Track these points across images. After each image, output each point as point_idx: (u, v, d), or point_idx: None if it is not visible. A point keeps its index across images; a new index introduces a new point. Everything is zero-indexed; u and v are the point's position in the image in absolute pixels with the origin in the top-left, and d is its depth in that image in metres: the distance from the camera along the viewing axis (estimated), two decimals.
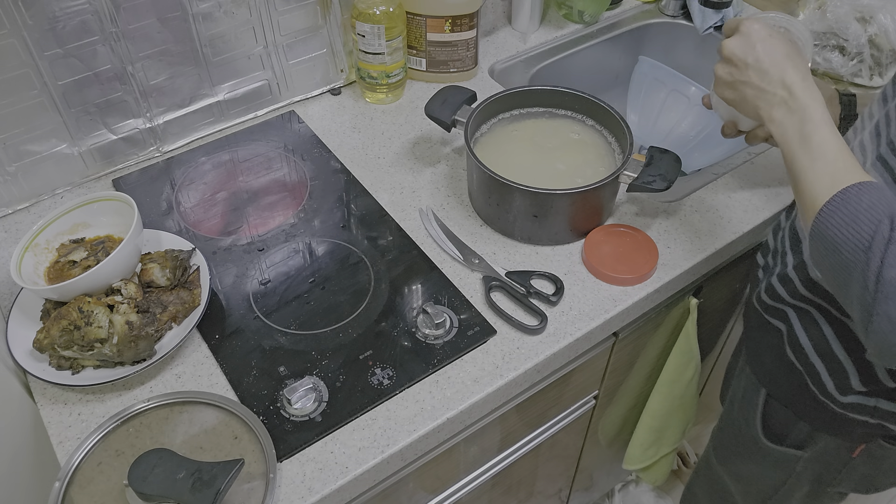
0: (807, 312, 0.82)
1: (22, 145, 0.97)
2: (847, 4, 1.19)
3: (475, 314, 0.88)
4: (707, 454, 1.11)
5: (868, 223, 0.61)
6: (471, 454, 0.96)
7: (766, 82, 0.73)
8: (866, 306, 0.61)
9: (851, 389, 0.79)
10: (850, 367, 0.78)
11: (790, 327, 0.84)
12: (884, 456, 0.85)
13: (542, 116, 1.05)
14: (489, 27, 1.34)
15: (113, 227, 0.91)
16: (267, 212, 1.02)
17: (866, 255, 0.61)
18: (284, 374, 0.82)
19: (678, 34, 1.39)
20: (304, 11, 1.10)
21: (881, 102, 0.76)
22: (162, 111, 1.07)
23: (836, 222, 0.63)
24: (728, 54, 0.76)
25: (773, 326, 0.87)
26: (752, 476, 1.00)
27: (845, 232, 0.62)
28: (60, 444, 0.77)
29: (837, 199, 0.64)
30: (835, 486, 0.92)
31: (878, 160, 0.72)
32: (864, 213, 0.62)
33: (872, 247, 0.60)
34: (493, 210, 0.96)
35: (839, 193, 0.64)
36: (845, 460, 0.87)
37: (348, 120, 1.17)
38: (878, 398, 0.78)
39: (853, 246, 0.62)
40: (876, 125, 0.75)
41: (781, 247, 0.87)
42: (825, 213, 0.64)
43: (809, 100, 0.70)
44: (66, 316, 0.78)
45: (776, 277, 0.86)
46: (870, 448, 0.84)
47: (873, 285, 0.60)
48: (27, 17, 0.89)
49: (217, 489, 0.66)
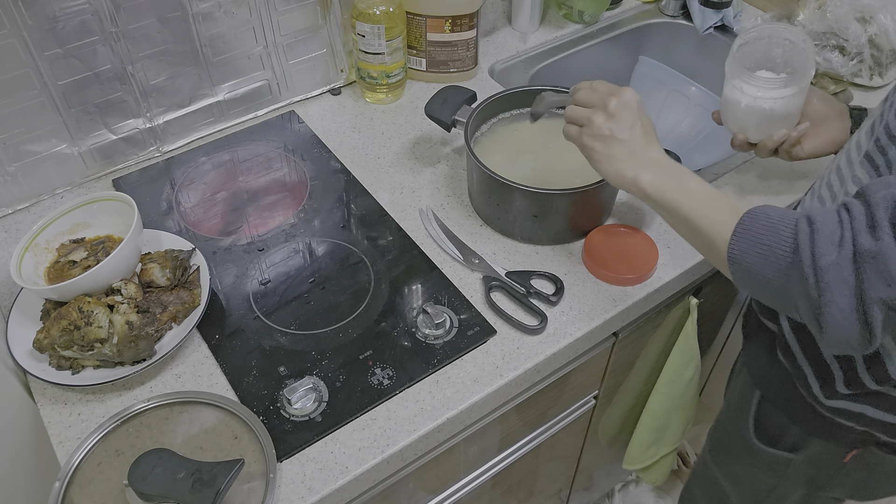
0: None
1: (22, 145, 0.97)
2: (847, 4, 1.19)
3: (475, 314, 0.88)
4: (703, 455, 1.11)
5: (786, 228, 0.63)
6: (471, 454, 0.96)
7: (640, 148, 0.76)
8: (812, 302, 0.61)
9: (836, 393, 0.79)
10: (836, 368, 0.78)
11: (781, 328, 0.84)
12: (877, 463, 0.84)
13: (542, 116, 1.05)
14: (489, 27, 1.34)
15: (113, 227, 0.91)
16: (267, 212, 1.02)
17: (796, 255, 0.62)
18: (284, 374, 0.82)
19: (678, 34, 1.39)
20: (304, 11, 1.10)
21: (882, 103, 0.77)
22: (162, 111, 1.07)
23: (754, 239, 0.65)
24: (614, 110, 0.77)
25: (766, 328, 0.87)
26: (745, 477, 1.00)
27: (768, 242, 0.64)
28: (60, 444, 0.77)
29: (747, 220, 0.66)
30: (828, 490, 0.91)
31: (865, 157, 0.72)
32: (779, 222, 0.64)
33: (799, 245, 0.61)
34: (493, 210, 0.96)
35: (746, 214, 0.67)
36: (838, 465, 0.87)
37: (348, 120, 1.17)
38: (865, 405, 0.78)
39: (781, 252, 0.63)
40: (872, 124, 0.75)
41: None
42: (740, 236, 0.66)
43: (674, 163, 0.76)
44: (66, 316, 0.78)
45: None
46: (862, 454, 0.84)
47: (813, 279, 0.61)
48: (27, 17, 0.89)
49: (217, 489, 0.66)
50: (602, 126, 0.77)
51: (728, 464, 1.03)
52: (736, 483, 1.03)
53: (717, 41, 1.35)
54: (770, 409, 0.90)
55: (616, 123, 0.76)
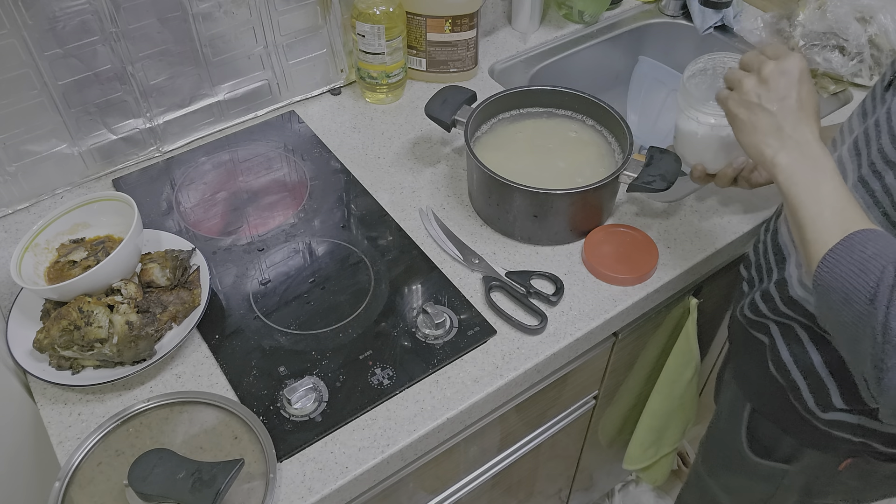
0: (789, 328, 0.80)
1: (22, 145, 0.97)
2: (847, 4, 1.19)
3: (475, 314, 0.88)
4: (696, 466, 1.11)
5: (874, 269, 0.57)
6: (471, 454, 0.96)
7: (787, 122, 0.68)
8: (876, 361, 0.57)
9: (832, 406, 0.77)
10: (832, 383, 0.77)
11: (773, 341, 0.83)
12: (872, 471, 0.84)
13: (541, 116, 1.05)
14: (489, 27, 1.34)
15: (113, 227, 0.91)
16: (267, 212, 1.02)
17: (872, 305, 0.57)
18: (284, 374, 0.82)
19: (678, 34, 1.39)
20: (304, 11, 1.10)
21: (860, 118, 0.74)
22: (162, 111, 1.07)
23: (841, 271, 0.59)
24: (768, 76, 0.70)
25: (757, 340, 0.86)
26: (740, 488, 0.99)
27: (851, 281, 0.58)
28: (60, 444, 0.77)
29: (840, 249, 0.60)
30: (823, 497, 0.91)
31: (860, 181, 0.70)
32: (871, 259, 0.58)
33: (878, 295, 0.57)
34: (493, 210, 0.96)
35: (843, 240, 0.60)
36: (832, 473, 0.86)
37: (348, 120, 1.17)
38: (861, 416, 0.76)
39: (858, 297, 0.58)
40: (855, 141, 0.73)
41: (765, 262, 0.85)
42: (829, 262, 0.60)
43: (822, 152, 0.66)
44: (66, 316, 0.78)
45: (758, 294, 0.84)
46: (857, 462, 0.83)
47: (881, 337, 0.56)
48: (27, 17, 0.89)
49: (217, 489, 0.66)
50: (750, 92, 0.70)
51: (722, 475, 1.02)
52: (731, 493, 1.03)
53: (717, 41, 1.35)
54: (762, 422, 0.89)
55: (767, 91, 0.69)
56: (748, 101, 0.71)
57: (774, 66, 0.70)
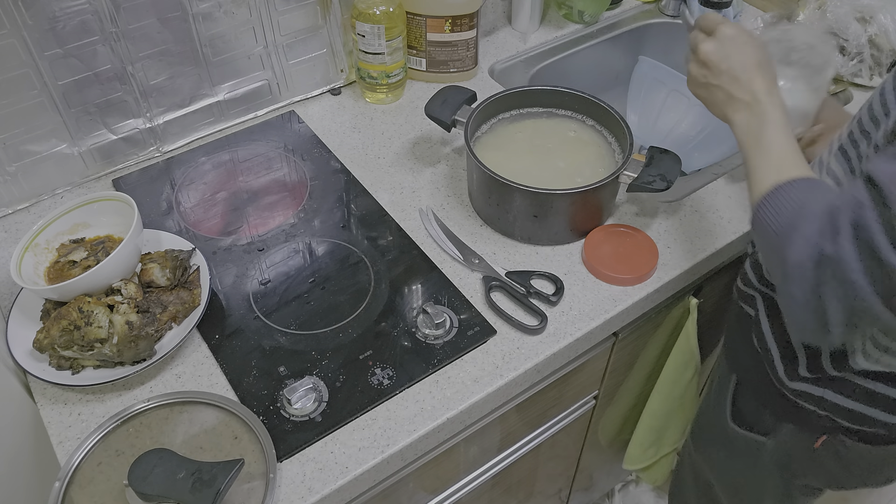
0: (772, 300, 0.82)
1: (22, 145, 0.97)
2: (847, 4, 1.19)
3: (475, 314, 0.88)
4: (687, 443, 1.12)
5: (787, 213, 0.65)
6: (471, 454, 0.96)
7: (735, 88, 0.75)
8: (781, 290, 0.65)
9: (798, 375, 0.80)
10: (801, 352, 0.79)
11: (757, 313, 0.85)
12: (847, 454, 0.85)
13: (541, 116, 1.05)
14: (489, 27, 1.34)
15: (113, 227, 0.91)
16: (267, 212, 1.02)
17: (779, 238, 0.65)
18: (284, 374, 0.82)
19: (678, 34, 1.39)
20: (304, 11, 1.10)
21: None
22: (162, 111, 1.07)
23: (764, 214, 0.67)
24: (704, 58, 0.77)
25: (745, 313, 0.88)
26: (723, 464, 1.01)
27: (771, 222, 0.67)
28: (60, 444, 0.77)
29: (770, 194, 0.68)
30: (802, 478, 0.92)
31: (839, 150, 0.73)
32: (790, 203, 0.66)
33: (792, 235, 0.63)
34: (493, 210, 0.96)
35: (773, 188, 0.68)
36: (808, 451, 0.87)
37: (348, 120, 1.17)
38: (824, 388, 0.79)
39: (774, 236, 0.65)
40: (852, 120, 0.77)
41: None
42: (760, 206, 0.68)
43: (770, 106, 0.73)
44: (66, 316, 0.78)
45: (749, 262, 0.87)
46: (832, 441, 0.84)
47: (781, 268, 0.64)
48: (27, 17, 0.89)
49: (217, 489, 0.66)
50: (697, 74, 0.79)
51: (707, 450, 1.04)
52: (714, 469, 1.04)
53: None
54: (746, 394, 0.92)
55: (708, 70, 0.77)
56: (699, 82, 0.79)
57: (707, 43, 0.77)
